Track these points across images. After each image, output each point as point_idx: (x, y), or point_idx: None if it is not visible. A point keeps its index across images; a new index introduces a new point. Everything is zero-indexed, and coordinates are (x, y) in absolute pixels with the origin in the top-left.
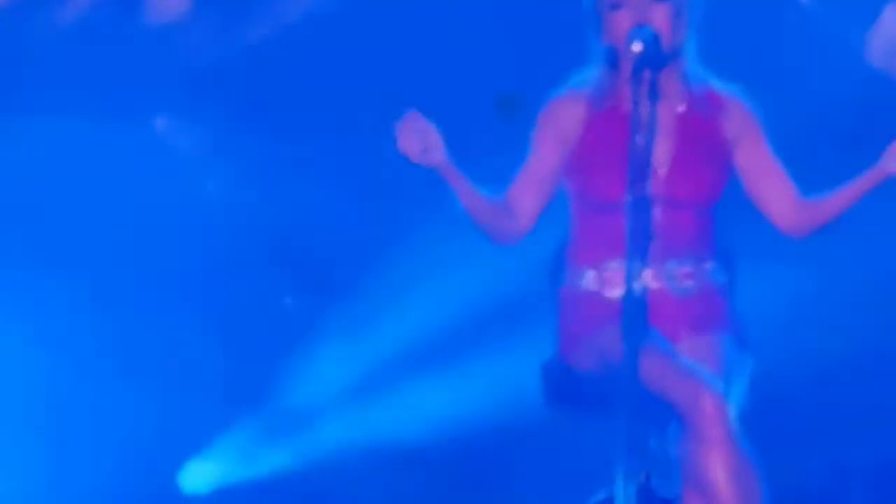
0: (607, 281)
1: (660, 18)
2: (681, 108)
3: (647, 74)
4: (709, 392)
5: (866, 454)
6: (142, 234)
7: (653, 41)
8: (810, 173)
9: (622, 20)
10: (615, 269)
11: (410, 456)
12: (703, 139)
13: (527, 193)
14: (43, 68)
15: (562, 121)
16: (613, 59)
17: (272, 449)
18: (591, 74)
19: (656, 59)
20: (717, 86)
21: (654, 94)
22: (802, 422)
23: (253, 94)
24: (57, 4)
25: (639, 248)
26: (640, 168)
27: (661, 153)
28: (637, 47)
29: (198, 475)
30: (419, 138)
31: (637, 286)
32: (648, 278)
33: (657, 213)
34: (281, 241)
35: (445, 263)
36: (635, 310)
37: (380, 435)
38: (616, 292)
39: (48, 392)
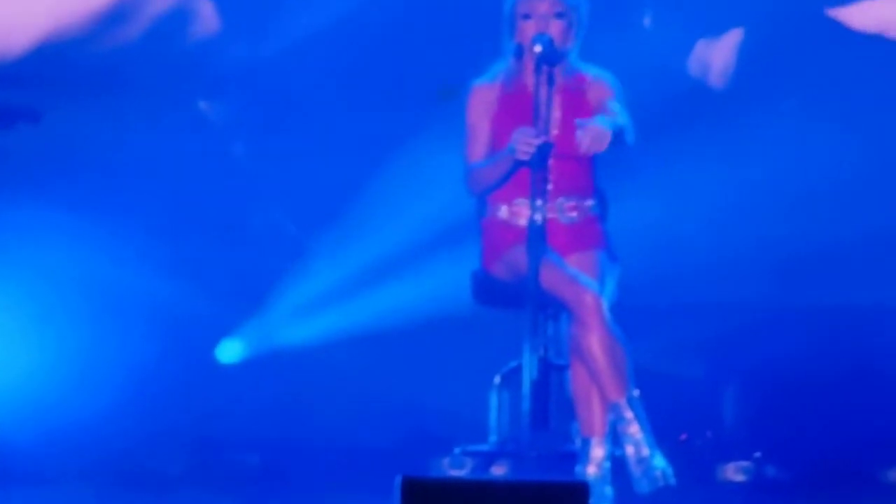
0: (516, 213)
1: (556, 29)
2: (566, 89)
3: (545, 67)
4: (589, 292)
5: (701, 337)
6: (189, 186)
7: (549, 44)
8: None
9: (529, 28)
10: (521, 204)
11: (380, 336)
12: (579, 109)
13: (483, 152)
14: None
15: (484, 101)
16: (521, 54)
17: (282, 331)
18: (502, 66)
19: (552, 57)
20: (588, 71)
21: (550, 81)
22: (655, 312)
23: (262, 79)
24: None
25: (539, 189)
26: (541, 132)
27: (553, 121)
28: (538, 49)
29: (229, 350)
30: (524, 139)
31: (538, 217)
32: (545, 211)
33: (551, 163)
34: (286, 186)
35: (404, 200)
36: (536, 234)
37: (357, 323)
38: (522, 221)
39: (112, 288)
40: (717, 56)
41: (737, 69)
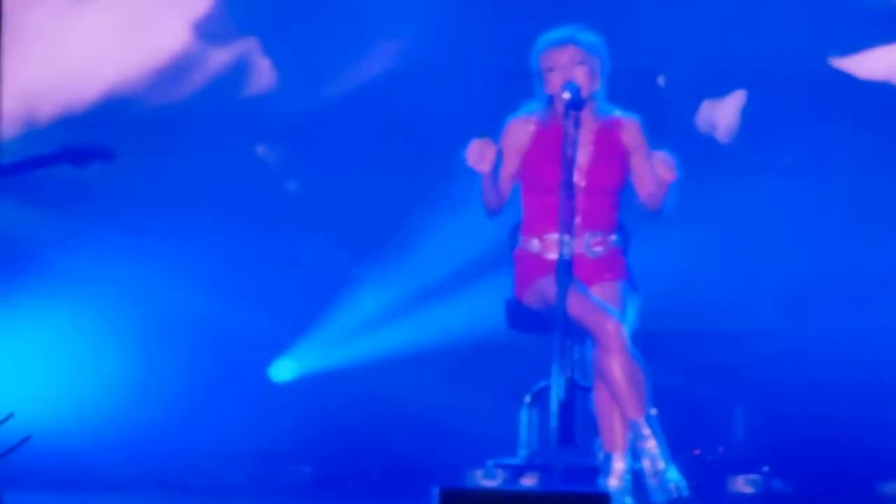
0: (546, 247)
1: (580, 76)
2: (594, 131)
3: (573, 112)
4: (611, 319)
5: (714, 361)
6: (248, 219)
7: (576, 91)
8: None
9: (556, 78)
10: (551, 239)
11: (421, 358)
12: (608, 149)
13: (505, 183)
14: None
15: (518, 135)
16: (551, 102)
17: (331, 352)
18: (536, 106)
19: (578, 102)
20: (619, 113)
21: (577, 123)
22: (673, 338)
23: (313, 125)
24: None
25: (567, 225)
26: (568, 171)
27: (581, 160)
28: (566, 95)
29: (283, 369)
30: (476, 154)
31: (566, 251)
32: (573, 245)
33: (578, 200)
34: (336, 219)
35: (444, 234)
36: (564, 266)
37: (401, 345)
38: (552, 255)
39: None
40: (722, 114)
41: (742, 125)
